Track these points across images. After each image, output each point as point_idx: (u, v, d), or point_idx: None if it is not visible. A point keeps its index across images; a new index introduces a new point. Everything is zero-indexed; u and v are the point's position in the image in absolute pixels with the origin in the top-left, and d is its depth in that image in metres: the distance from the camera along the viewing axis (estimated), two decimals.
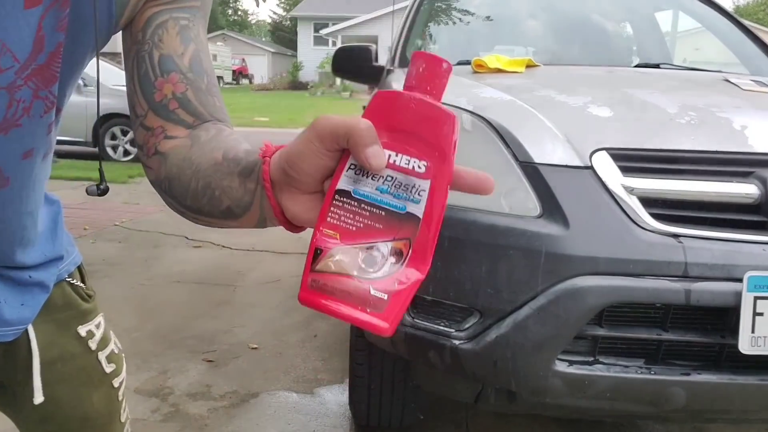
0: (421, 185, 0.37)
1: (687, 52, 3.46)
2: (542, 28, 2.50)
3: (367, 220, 0.38)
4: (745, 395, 1.13)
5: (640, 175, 1.17)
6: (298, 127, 13.09)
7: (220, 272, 3.23)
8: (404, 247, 0.37)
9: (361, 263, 0.37)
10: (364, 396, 1.66)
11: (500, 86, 1.53)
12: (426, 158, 0.37)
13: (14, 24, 0.45)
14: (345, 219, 0.38)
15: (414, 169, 0.37)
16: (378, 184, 0.37)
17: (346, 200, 0.38)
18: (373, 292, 0.37)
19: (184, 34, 0.54)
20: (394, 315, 0.37)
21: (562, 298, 1.10)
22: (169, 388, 2.03)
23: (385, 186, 0.37)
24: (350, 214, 0.38)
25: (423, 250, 0.37)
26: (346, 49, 2.36)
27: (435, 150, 0.38)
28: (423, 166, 0.37)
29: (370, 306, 0.37)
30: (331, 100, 19.95)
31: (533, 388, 1.16)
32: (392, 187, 0.37)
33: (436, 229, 0.38)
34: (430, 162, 0.38)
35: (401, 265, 0.37)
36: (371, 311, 0.36)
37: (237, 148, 0.49)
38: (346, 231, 0.38)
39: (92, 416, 0.72)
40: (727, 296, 1.08)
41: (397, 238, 0.37)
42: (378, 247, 0.37)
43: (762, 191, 1.13)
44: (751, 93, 1.50)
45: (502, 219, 1.17)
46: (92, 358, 0.71)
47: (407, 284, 0.37)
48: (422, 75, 0.38)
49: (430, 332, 1.24)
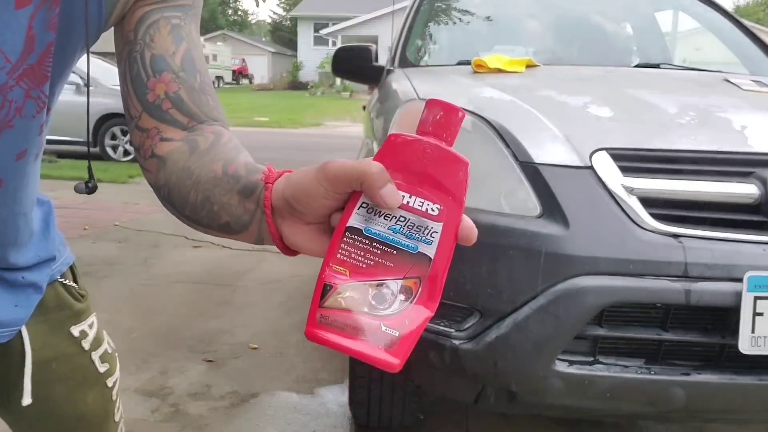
0: (434, 227, 0.38)
1: (687, 52, 3.46)
2: (542, 28, 2.50)
3: (378, 258, 0.38)
4: (745, 395, 1.13)
5: (640, 175, 1.17)
6: (297, 127, 13.10)
7: (220, 272, 3.23)
8: (414, 286, 0.38)
9: (371, 300, 0.38)
10: (364, 396, 1.66)
11: (500, 86, 1.53)
12: (440, 202, 0.39)
13: (5, 24, 0.45)
14: (355, 256, 0.39)
15: (428, 211, 0.39)
16: (390, 224, 0.38)
17: (357, 238, 0.39)
18: (384, 328, 0.37)
19: (175, 33, 0.54)
20: (404, 351, 0.38)
21: (562, 298, 1.10)
22: (169, 388, 2.03)
23: (398, 226, 0.38)
24: (361, 252, 0.39)
25: (433, 288, 0.39)
26: (346, 49, 2.36)
27: (449, 195, 0.39)
28: (437, 209, 0.39)
29: (381, 342, 0.37)
30: (331, 100, 19.96)
31: (533, 388, 1.16)
32: (405, 227, 0.38)
33: (446, 269, 0.39)
34: (444, 206, 0.39)
35: (411, 302, 0.38)
36: (384, 347, 0.37)
37: (237, 161, 0.49)
38: (355, 268, 0.38)
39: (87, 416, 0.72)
40: (727, 296, 1.08)
41: (407, 276, 0.38)
42: (388, 285, 0.38)
43: (762, 191, 1.13)
44: (751, 93, 1.50)
45: (503, 219, 1.17)
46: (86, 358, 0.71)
47: (417, 322, 0.38)
48: (439, 122, 0.39)
49: (430, 332, 1.24)
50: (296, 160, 8.05)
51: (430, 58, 2.40)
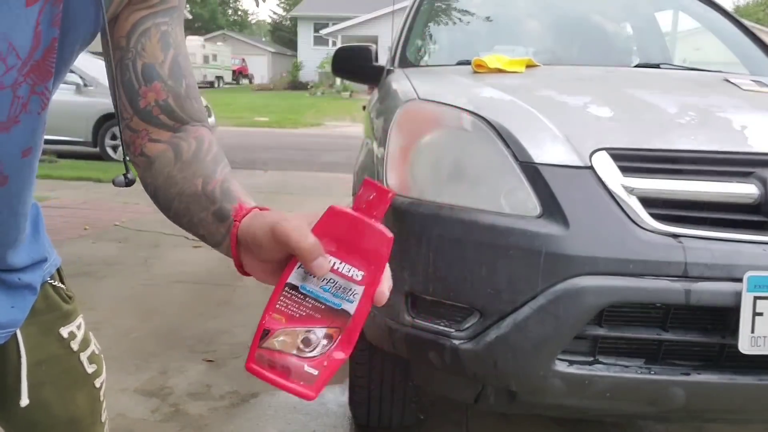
0: (356, 290, 0.47)
1: (687, 52, 3.46)
2: (542, 28, 2.50)
3: (309, 311, 0.47)
4: (744, 395, 1.13)
5: (640, 175, 1.17)
6: (298, 127, 13.10)
7: (220, 272, 3.23)
8: (335, 334, 0.47)
9: (300, 344, 0.47)
10: (364, 396, 1.66)
11: (500, 86, 1.53)
12: (363, 269, 0.47)
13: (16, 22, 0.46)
14: (291, 307, 0.47)
15: (353, 276, 0.47)
16: (322, 284, 0.47)
17: (294, 293, 0.47)
18: (306, 368, 0.47)
19: (164, 41, 0.58)
20: (320, 386, 0.47)
21: (562, 298, 1.10)
22: (169, 388, 2.03)
23: (328, 286, 0.47)
24: (295, 304, 0.47)
25: (350, 337, 0.48)
26: (346, 49, 2.36)
27: (372, 264, 0.47)
28: (360, 275, 0.47)
29: (303, 380, 0.47)
30: (331, 100, 19.95)
31: (533, 388, 1.16)
32: (333, 287, 0.47)
33: (362, 322, 0.48)
34: (366, 273, 0.47)
35: (331, 347, 0.47)
36: (303, 383, 0.47)
37: (214, 179, 0.57)
38: (290, 316, 0.47)
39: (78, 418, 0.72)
40: (726, 296, 1.08)
41: (330, 326, 0.47)
42: (315, 332, 0.47)
43: (762, 191, 1.13)
44: (751, 93, 1.50)
45: (502, 219, 1.17)
46: (75, 359, 0.72)
47: (334, 363, 0.47)
48: (371, 201, 0.47)
49: (430, 332, 1.24)
50: (296, 160, 8.05)
51: (430, 58, 2.40)
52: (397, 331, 1.28)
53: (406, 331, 1.27)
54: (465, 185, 1.26)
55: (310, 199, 5.26)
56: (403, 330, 1.27)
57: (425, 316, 1.26)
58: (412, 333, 1.26)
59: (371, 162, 1.62)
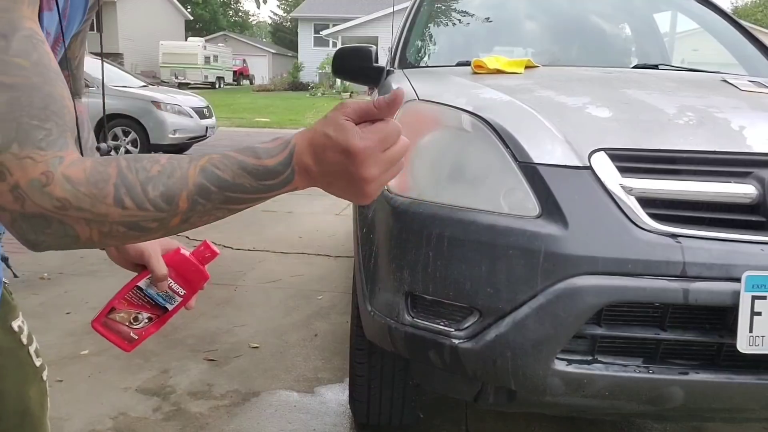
0: (177, 299, 0.80)
1: (685, 53, 3.47)
2: (541, 29, 2.50)
3: (144, 303, 0.79)
4: (743, 394, 1.13)
5: (638, 175, 1.17)
6: (298, 128, 13.09)
7: (220, 272, 3.24)
8: (155, 318, 0.80)
9: (131, 320, 0.79)
10: (364, 395, 1.67)
11: (499, 87, 1.53)
12: (186, 289, 0.81)
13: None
14: (133, 299, 0.79)
15: (177, 291, 0.80)
16: (158, 291, 0.79)
17: (139, 291, 0.79)
18: (131, 334, 0.79)
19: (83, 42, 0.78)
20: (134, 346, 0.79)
21: (561, 298, 1.10)
22: (171, 387, 2.04)
23: (161, 294, 0.79)
24: (137, 298, 0.79)
25: (162, 322, 0.80)
26: (347, 50, 2.37)
27: (191, 288, 0.81)
28: (182, 292, 0.80)
29: (127, 340, 0.79)
30: (331, 101, 19.95)
31: (532, 387, 1.16)
32: (164, 295, 0.79)
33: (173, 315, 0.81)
34: (186, 291, 0.81)
35: (149, 325, 0.80)
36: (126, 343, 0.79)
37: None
38: (131, 303, 0.79)
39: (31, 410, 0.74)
40: (725, 296, 1.08)
41: (152, 314, 0.80)
42: (142, 314, 0.79)
43: (760, 191, 1.13)
44: (750, 94, 1.51)
45: (502, 219, 1.18)
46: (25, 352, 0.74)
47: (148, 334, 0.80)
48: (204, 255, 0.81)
49: (430, 331, 1.24)
50: None
51: (430, 59, 2.41)
52: (397, 330, 1.29)
53: (406, 330, 1.27)
54: (464, 185, 1.27)
55: (310, 199, 5.27)
56: (403, 329, 1.28)
57: (425, 316, 1.26)
58: (412, 332, 1.27)
59: None
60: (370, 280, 1.39)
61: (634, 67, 2.11)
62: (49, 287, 2.92)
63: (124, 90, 7.14)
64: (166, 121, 7.09)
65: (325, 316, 2.72)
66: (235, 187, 0.50)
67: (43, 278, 3.04)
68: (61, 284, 2.97)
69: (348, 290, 2.95)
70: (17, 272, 0.98)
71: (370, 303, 1.38)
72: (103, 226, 0.47)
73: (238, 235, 3.96)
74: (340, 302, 2.88)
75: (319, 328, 2.58)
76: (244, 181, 0.50)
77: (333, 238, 4.07)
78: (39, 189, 0.45)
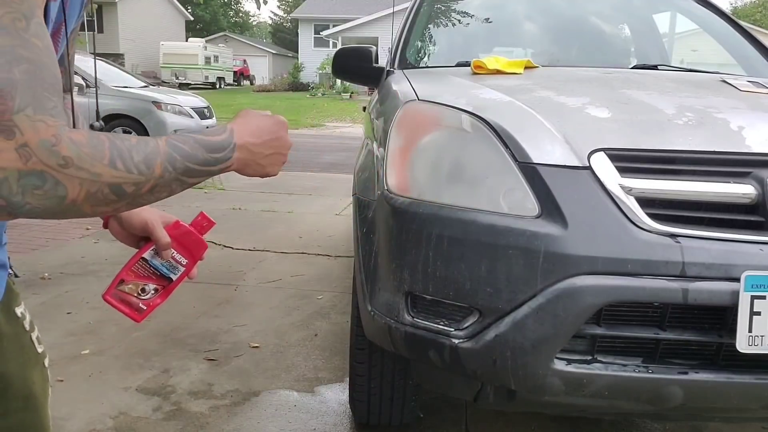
0: (180, 268, 0.85)
1: (685, 53, 3.47)
2: (541, 30, 2.51)
3: (150, 274, 0.83)
4: (742, 394, 1.14)
5: (638, 175, 1.17)
6: (299, 128, 13.10)
7: (221, 272, 3.24)
8: (160, 289, 0.84)
9: (139, 291, 0.83)
10: (364, 394, 1.67)
11: (499, 87, 1.54)
12: (187, 258, 0.86)
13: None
14: (140, 270, 0.83)
15: (180, 261, 0.84)
16: (162, 261, 0.84)
17: (144, 263, 0.83)
18: (140, 305, 0.83)
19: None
20: (144, 316, 0.83)
21: (561, 298, 1.11)
22: (171, 386, 2.04)
23: (165, 264, 0.84)
24: (143, 270, 0.83)
25: (168, 292, 0.85)
26: (347, 51, 2.37)
27: (193, 258, 0.87)
28: (184, 261, 0.85)
29: (137, 311, 0.83)
30: (331, 101, 19.96)
31: (532, 387, 1.17)
32: (168, 265, 0.84)
33: (178, 285, 0.85)
34: (188, 261, 0.86)
35: (155, 295, 0.84)
36: (135, 312, 0.83)
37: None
38: (138, 275, 0.83)
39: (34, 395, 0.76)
40: (724, 295, 1.08)
41: (158, 285, 0.84)
42: (149, 286, 0.83)
43: (759, 191, 1.14)
44: (749, 94, 1.51)
45: (501, 219, 1.18)
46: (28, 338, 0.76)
47: (155, 304, 0.84)
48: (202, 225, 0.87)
49: (430, 331, 1.25)
50: (296, 160, 8.05)
51: (430, 59, 2.41)
52: (397, 330, 1.29)
53: (406, 330, 1.28)
54: (464, 185, 1.27)
55: (310, 199, 5.27)
56: (403, 329, 1.28)
57: (425, 316, 1.27)
58: (412, 332, 1.27)
59: (371, 162, 1.63)
60: (370, 280, 1.40)
61: (633, 68, 2.11)
62: (49, 287, 2.92)
63: (125, 90, 7.14)
64: (167, 121, 7.09)
65: (325, 316, 2.72)
66: (192, 157, 0.61)
67: (44, 278, 3.05)
68: (61, 284, 2.97)
69: (348, 290, 2.96)
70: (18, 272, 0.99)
71: (370, 303, 1.38)
72: (93, 186, 0.53)
73: (238, 235, 3.96)
74: (340, 302, 2.88)
75: (319, 327, 2.58)
76: (198, 153, 0.62)
77: (333, 238, 4.08)
78: (48, 148, 0.50)
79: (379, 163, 1.50)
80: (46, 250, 3.54)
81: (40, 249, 3.55)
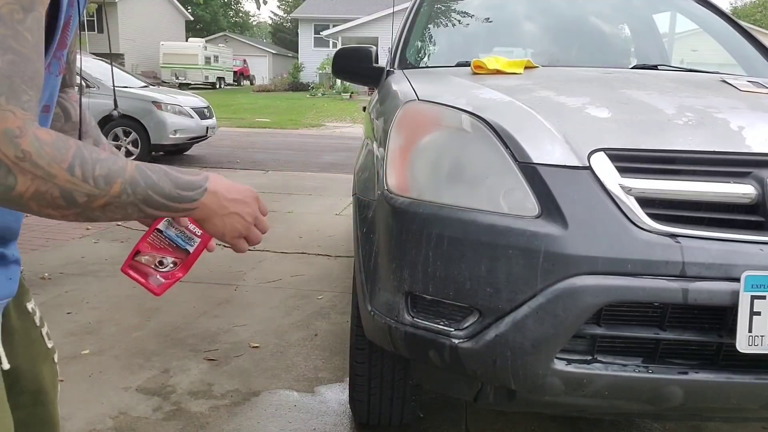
0: (196, 240, 0.80)
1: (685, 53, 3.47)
2: (541, 30, 2.51)
3: (166, 246, 0.79)
4: (742, 393, 1.14)
5: (637, 175, 1.17)
6: (299, 128, 13.11)
7: (221, 272, 3.24)
8: (179, 261, 0.80)
9: (156, 263, 0.79)
10: (364, 394, 1.67)
11: (499, 87, 1.54)
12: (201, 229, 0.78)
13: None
14: (156, 242, 0.79)
15: (195, 232, 0.79)
16: (177, 233, 0.79)
17: (159, 234, 0.79)
18: (158, 277, 0.79)
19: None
20: (163, 289, 0.79)
21: (561, 298, 1.11)
22: (171, 386, 2.04)
23: (180, 235, 0.79)
24: (159, 241, 0.79)
25: (187, 265, 0.80)
26: (347, 51, 2.37)
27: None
28: (199, 232, 0.79)
29: (156, 283, 0.79)
30: (331, 101, 19.96)
31: (532, 387, 1.17)
32: (183, 236, 0.80)
33: (196, 259, 0.80)
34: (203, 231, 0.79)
35: (174, 268, 0.80)
36: (154, 285, 0.78)
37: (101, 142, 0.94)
38: (154, 247, 0.79)
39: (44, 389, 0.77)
40: (724, 295, 1.08)
41: (176, 257, 0.80)
42: (167, 258, 0.79)
43: (759, 191, 1.14)
44: (749, 94, 1.51)
45: (501, 219, 1.18)
46: (38, 333, 0.77)
47: (174, 277, 0.80)
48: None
49: (430, 331, 1.25)
50: (297, 160, 8.05)
51: (430, 59, 2.41)
52: (397, 330, 1.29)
53: (406, 330, 1.28)
54: (464, 185, 1.27)
55: (310, 199, 5.27)
56: (403, 329, 1.28)
57: (425, 316, 1.27)
58: (412, 332, 1.27)
59: (371, 162, 1.63)
60: (370, 280, 1.40)
61: (633, 68, 2.11)
62: (49, 287, 2.92)
63: (125, 90, 7.13)
64: (167, 121, 7.09)
65: (325, 315, 2.72)
66: (156, 187, 0.62)
67: (44, 278, 3.05)
68: (61, 284, 2.97)
69: (348, 290, 2.96)
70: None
71: (370, 303, 1.38)
72: (44, 185, 0.53)
73: None
74: (340, 302, 2.88)
75: (319, 327, 2.58)
76: (165, 185, 0.63)
77: (333, 238, 4.08)
78: (10, 138, 0.51)
79: (379, 163, 1.50)
80: (46, 250, 3.54)
81: (40, 249, 3.55)
